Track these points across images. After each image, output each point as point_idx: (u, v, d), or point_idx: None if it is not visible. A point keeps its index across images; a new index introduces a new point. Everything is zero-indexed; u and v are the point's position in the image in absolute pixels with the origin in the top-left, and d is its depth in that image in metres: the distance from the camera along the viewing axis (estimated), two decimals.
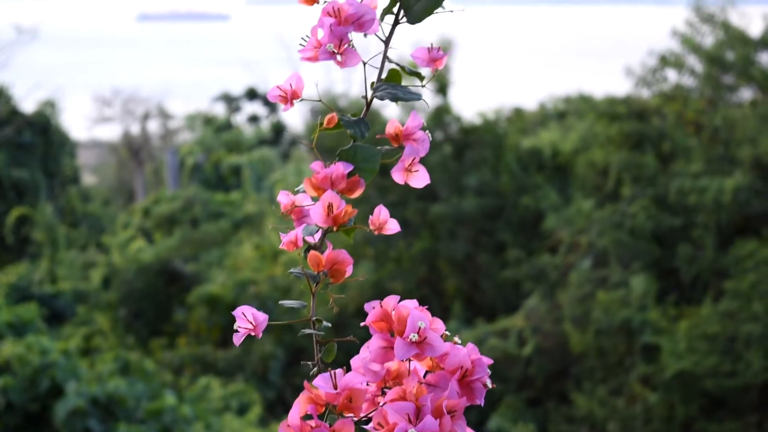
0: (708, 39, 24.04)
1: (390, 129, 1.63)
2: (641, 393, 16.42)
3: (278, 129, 35.68)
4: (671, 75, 24.04)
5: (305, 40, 1.59)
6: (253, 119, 37.44)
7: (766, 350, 15.88)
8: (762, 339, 15.92)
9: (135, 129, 36.62)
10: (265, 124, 36.92)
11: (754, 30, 24.01)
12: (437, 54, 1.65)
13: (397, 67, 1.63)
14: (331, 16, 1.57)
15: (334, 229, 1.58)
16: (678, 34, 24.04)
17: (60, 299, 21.28)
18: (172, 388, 14.53)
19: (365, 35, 1.58)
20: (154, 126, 37.58)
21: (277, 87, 1.65)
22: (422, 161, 1.58)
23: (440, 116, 21.38)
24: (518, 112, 22.87)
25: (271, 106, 36.63)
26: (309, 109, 22.90)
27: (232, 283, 19.36)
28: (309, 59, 1.59)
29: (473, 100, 26.57)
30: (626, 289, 17.36)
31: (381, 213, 1.65)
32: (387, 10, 1.62)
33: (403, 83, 1.65)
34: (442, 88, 21.45)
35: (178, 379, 16.82)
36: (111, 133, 37.45)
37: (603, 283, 17.75)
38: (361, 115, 1.63)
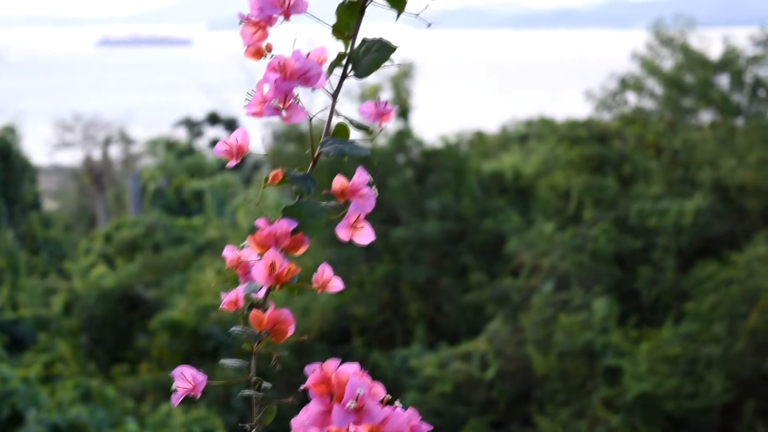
0: (668, 62, 24.22)
1: (336, 185, 1.62)
2: (604, 415, 16.45)
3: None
4: (631, 98, 24.19)
5: (250, 96, 1.59)
6: (215, 144, 37.23)
7: (727, 372, 15.96)
8: (722, 360, 16.00)
9: (96, 154, 36.51)
10: None
11: (714, 53, 24.20)
12: (384, 109, 1.64)
13: (345, 122, 1.62)
14: (276, 71, 1.55)
15: (277, 287, 1.57)
16: (638, 57, 24.20)
17: (21, 326, 21.13)
18: (133, 415, 14.44)
19: (312, 90, 1.57)
20: (115, 151, 37.49)
21: (224, 142, 1.64)
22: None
23: (401, 140, 21.42)
24: (480, 136, 22.95)
25: (233, 130, 36.46)
26: (271, 132, 22.91)
27: (195, 309, 19.29)
28: (254, 115, 1.59)
29: (435, 124, 26.63)
30: (588, 312, 17.42)
31: (325, 271, 1.64)
32: (335, 64, 1.62)
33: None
34: (403, 112, 21.50)
35: (140, 406, 16.71)
36: (72, 158, 37.34)
37: (565, 306, 17.80)
38: (308, 171, 1.62)
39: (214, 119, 37.16)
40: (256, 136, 1.62)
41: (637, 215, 19.85)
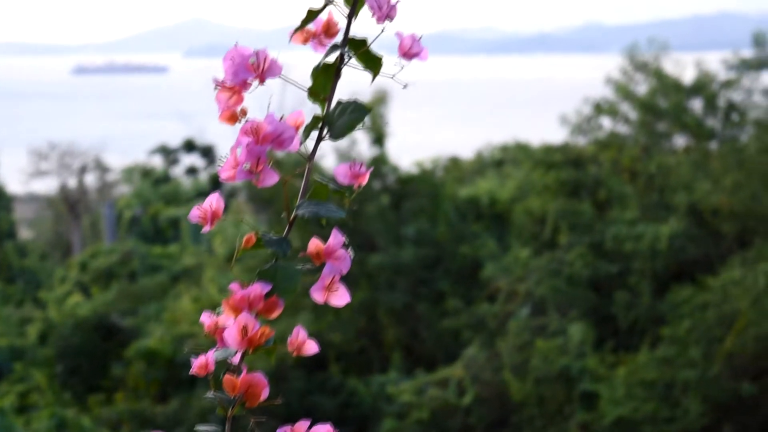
0: (642, 87, 24.33)
1: (311, 247, 1.61)
2: None
3: (216, 180, 35.57)
4: (606, 122, 24.28)
5: (222, 161, 1.59)
6: (191, 171, 37.32)
7: (704, 396, 15.98)
8: (699, 385, 16.02)
9: (72, 182, 36.41)
10: (204, 176, 36.81)
11: (688, 77, 24.34)
12: (360, 170, 1.65)
13: (322, 183, 1.62)
14: (248, 135, 1.55)
15: (250, 351, 1.56)
16: (612, 81, 24.30)
17: None
18: None
19: (288, 153, 1.57)
20: (91, 179, 37.38)
21: (197, 208, 1.64)
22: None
23: (377, 166, 21.43)
24: (455, 162, 22.98)
25: (209, 158, 36.54)
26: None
27: (171, 337, 19.23)
28: (227, 179, 1.58)
29: (411, 150, 26.66)
30: (564, 337, 17.43)
31: (299, 334, 1.64)
32: (310, 127, 1.62)
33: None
34: (378, 138, 21.53)
35: None
36: (48, 187, 37.21)
37: (541, 331, 17.80)
38: (284, 233, 1.62)
39: (190, 146, 37.10)
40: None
41: (612, 240, 19.90)
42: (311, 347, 1.62)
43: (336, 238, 1.61)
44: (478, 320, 19.09)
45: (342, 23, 1.64)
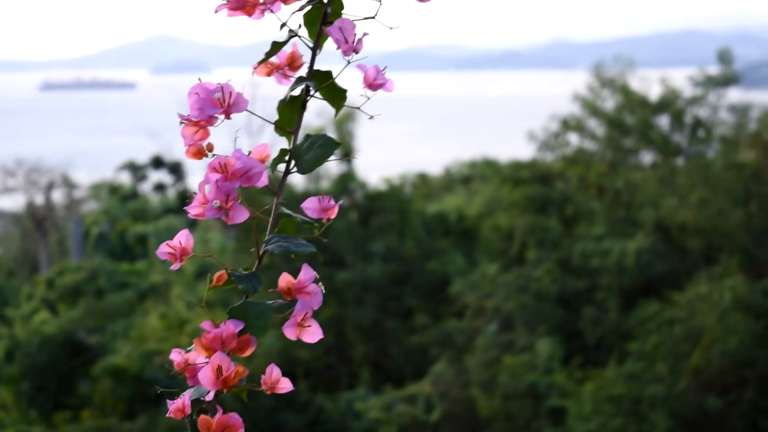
0: (609, 103, 24.43)
1: (282, 283, 1.60)
2: None
3: (184, 197, 35.44)
4: (573, 139, 24.38)
5: (191, 199, 1.58)
6: (159, 188, 37.22)
7: (671, 411, 16.03)
8: (666, 400, 16.07)
9: (39, 199, 36.22)
10: (171, 193, 36.71)
11: (654, 93, 24.45)
12: (328, 204, 1.65)
13: (290, 218, 1.62)
14: (217, 171, 1.55)
15: (225, 391, 1.53)
16: (579, 98, 24.40)
17: None
18: None
19: (255, 187, 1.57)
20: (58, 196, 37.20)
21: (166, 244, 1.63)
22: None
23: (345, 182, 21.45)
24: (423, 178, 23.01)
25: (177, 174, 36.46)
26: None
27: (138, 355, 19.14)
28: (196, 216, 1.57)
29: (379, 166, 26.68)
30: (532, 353, 17.46)
31: (273, 372, 1.63)
32: (278, 161, 1.61)
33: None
34: (347, 155, 21.53)
35: None
36: (14, 203, 37.00)
37: (509, 347, 17.83)
38: (254, 269, 1.61)
39: (158, 163, 37.01)
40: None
41: (580, 256, 19.96)
42: (285, 385, 1.61)
43: (307, 273, 1.60)
44: (446, 336, 19.10)
45: (307, 56, 1.64)
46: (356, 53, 1.61)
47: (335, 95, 1.63)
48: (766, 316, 16.97)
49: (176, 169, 36.49)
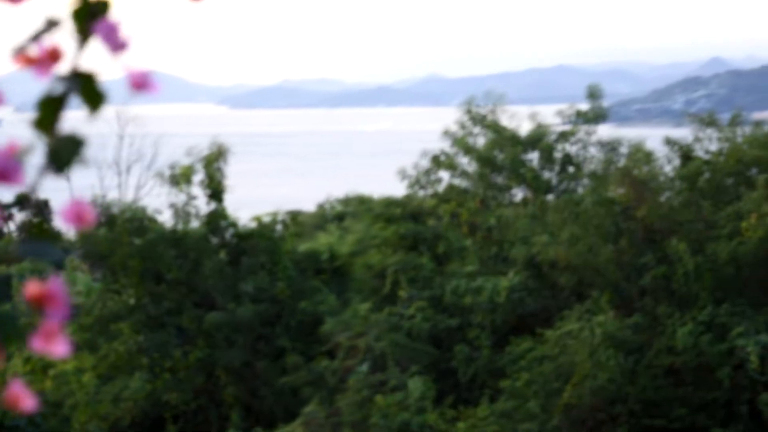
0: (480, 139, 24.51)
1: (30, 292, 1.44)
2: None
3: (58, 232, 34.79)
4: (445, 175, 24.40)
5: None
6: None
7: None
8: None
9: None
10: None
11: (525, 129, 24.60)
12: (84, 210, 1.49)
13: (41, 223, 1.45)
14: None
15: None
16: (450, 134, 24.44)
17: None
18: None
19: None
20: None
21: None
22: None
23: (215, 221, 21.12)
24: (294, 216, 22.77)
25: (43, 214, 35.74)
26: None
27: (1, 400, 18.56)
28: None
29: (252, 204, 26.40)
30: (404, 392, 17.29)
31: (15, 388, 1.48)
32: (22, 155, 1.46)
33: None
34: (216, 193, 21.22)
35: None
36: None
37: (381, 386, 17.64)
38: None
39: (22, 202, 36.23)
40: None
41: (452, 293, 19.90)
42: (28, 403, 1.46)
43: (55, 283, 1.45)
44: (317, 377, 18.86)
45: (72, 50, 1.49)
46: (122, 52, 1.47)
47: (93, 98, 1.48)
48: (636, 352, 17.06)
49: (43, 208, 35.79)
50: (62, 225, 1.54)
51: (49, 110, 1.48)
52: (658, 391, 16.71)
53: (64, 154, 1.46)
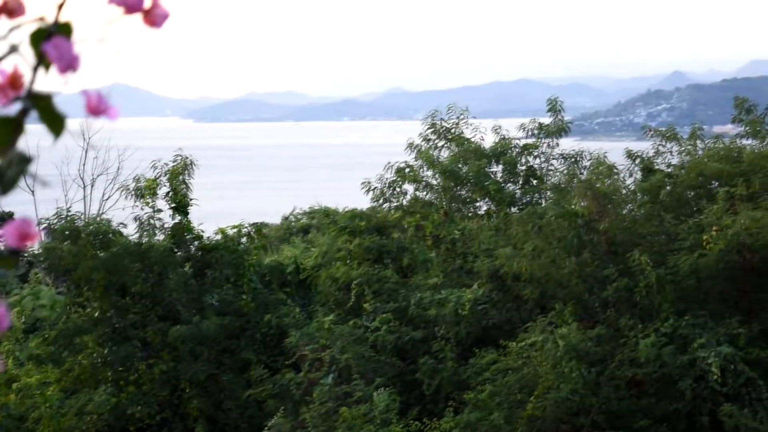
0: (444, 152, 24.61)
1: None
2: None
3: (15, 251, 34.60)
4: (409, 188, 24.47)
5: None
6: None
7: None
8: None
9: None
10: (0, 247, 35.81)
11: (488, 143, 24.72)
12: (27, 230, 1.54)
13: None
14: None
15: None
16: (414, 147, 24.52)
17: None
18: None
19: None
20: None
21: None
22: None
23: (180, 234, 21.12)
24: (259, 229, 22.79)
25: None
26: (46, 230, 22.30)
27: None
28: None
29: (217, 217, 26.40)
30: (369, 404, 17.34)
31: None
32: None
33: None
34: (180, 206, 21.23)
35: None
36: None
37: (346, 398, 17.69)
38: None
39: None
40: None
41: (416, 305, 19.98)
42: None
43: None
44: (282, 389, 18.89)
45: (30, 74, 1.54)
46: (73, 71, 1.52)
47: (53, 121, 1.53)
48: (599, 363, 17.17)
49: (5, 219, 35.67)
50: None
51: (3, 131, 1.52)
52: (621, 403, 16.81)
53: (10, 174, 1.50)
